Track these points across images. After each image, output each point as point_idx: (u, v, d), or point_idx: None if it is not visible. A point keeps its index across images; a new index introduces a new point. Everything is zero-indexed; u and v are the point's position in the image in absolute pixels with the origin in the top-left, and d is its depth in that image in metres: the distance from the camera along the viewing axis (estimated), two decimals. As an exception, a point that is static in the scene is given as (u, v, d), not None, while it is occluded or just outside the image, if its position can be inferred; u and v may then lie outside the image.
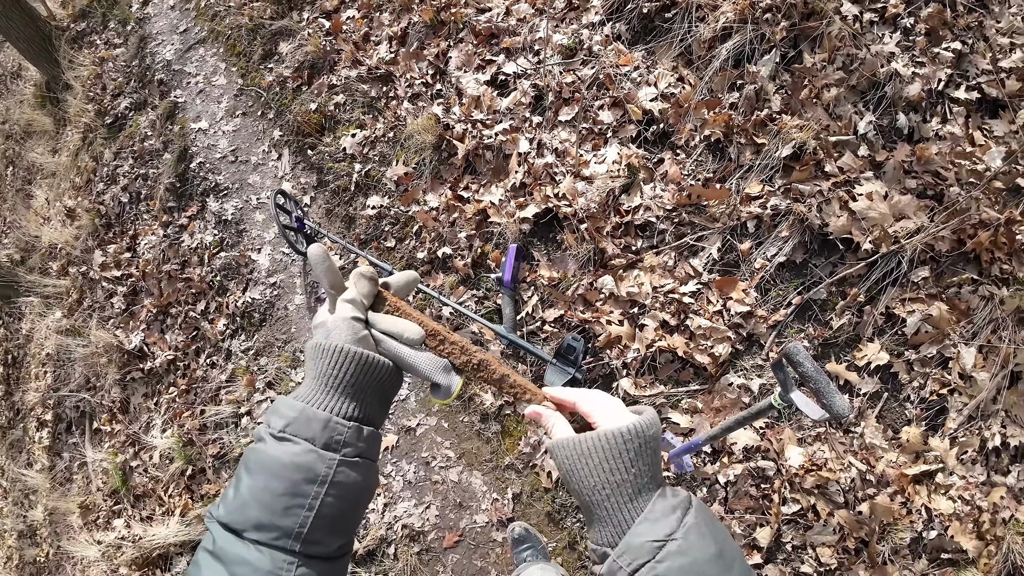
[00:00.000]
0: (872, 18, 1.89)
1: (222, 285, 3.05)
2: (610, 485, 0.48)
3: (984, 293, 1.67)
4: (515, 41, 2.22)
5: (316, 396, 0.51)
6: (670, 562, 0.45)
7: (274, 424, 0.50)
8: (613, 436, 0.49)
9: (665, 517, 0.47)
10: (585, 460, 0.49)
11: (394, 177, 2.40)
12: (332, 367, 0.51)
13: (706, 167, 1.90)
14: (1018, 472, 1.63)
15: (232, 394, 2.73)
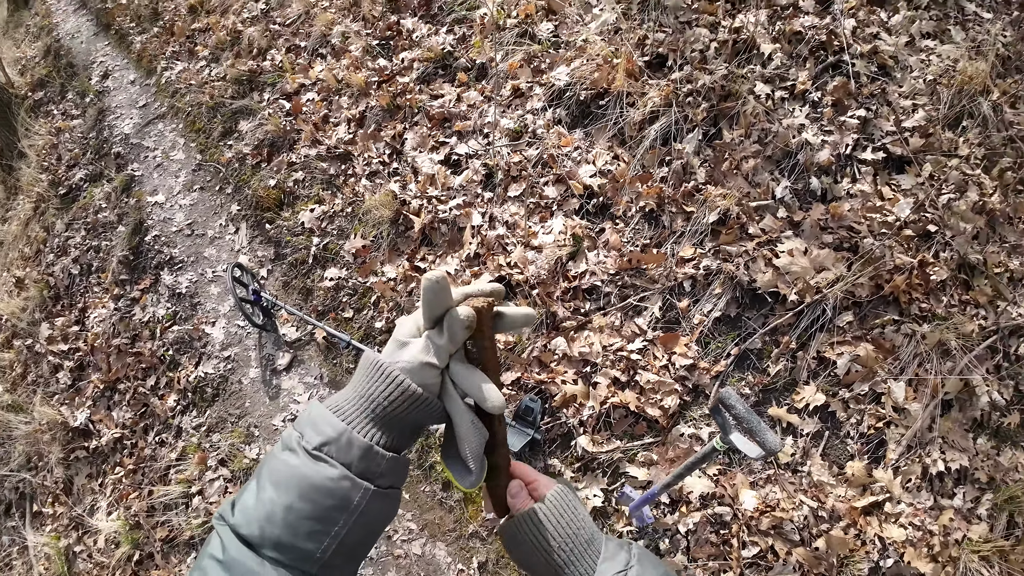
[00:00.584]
0: (783, 95, 2.19)
1: (174, 360, 2.95)
2: (570, 539, 0.53)
3: (906, 331, 1.85)
4: (466, 125, 2.41)
5: (359, 419, 0.48)
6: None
7: (310, 439, 0.47)
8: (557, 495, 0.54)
9: (618, 553, 0.52)
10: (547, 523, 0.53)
11: (352, 250, 2.46)
12: (386, 399, 0.47)
13: (643, 234, 2.07)
14: (964, 493, 1.74)
15: (182, 473, 2.57)
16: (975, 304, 1.93)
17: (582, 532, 0.53)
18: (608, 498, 1.88)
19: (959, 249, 1.96)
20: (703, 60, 2.22)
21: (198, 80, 3.84)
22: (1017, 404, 1.85)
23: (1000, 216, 2.04)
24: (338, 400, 0.49)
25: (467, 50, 2.62)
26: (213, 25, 4.05)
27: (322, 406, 0.49)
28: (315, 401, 0.54)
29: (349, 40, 2.96)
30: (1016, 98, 2.25)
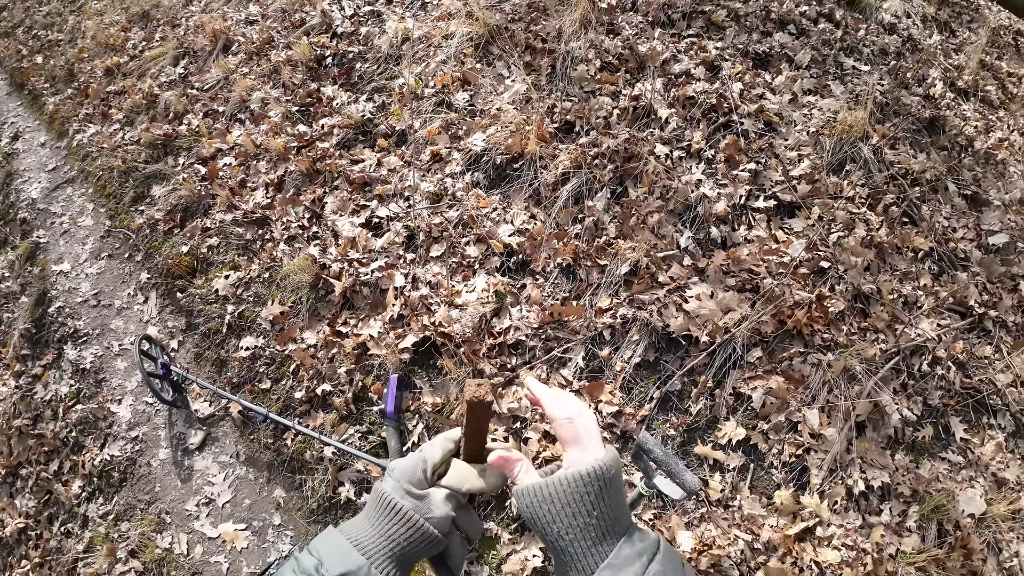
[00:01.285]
0: (680, 154, 2.35)
1: (78, 442, 2.67)
2: (574, 529, 0.47)
3: (812, 360, 1.95)
4: (387, 188, 2.42)
5: (379, 557, 0.51)
6: None
7: (331, 569, 0.49)
8: (574, 480, 0.48)
9: (630, 564, 0.46)
10: (548, 506, 0.49)
11: (269, 317, 2.35)
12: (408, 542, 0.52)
13: (562, 288, 2.11)
14: (890, 508, 1.79)
15: (91, 566, 2.29)
16: (874, 329, 2.08)
17: (590, 529, 0.47)
18: (547, 558, 1.81)
19: (853, 281, 2.12)
20: (607, 125, 2.37)
21: (111, 143, 3.69)
22: (928, 417, 1.97)
23: (888, 247, 2.24)
24: (357, 534, 0.52)
25: (387, 117, 2.67)
26: (129, 88, 3.95)
27: (342, 537, 0.52)
28: (332, 530, 0.55)
29: (268, 106, 2.95)
30: (895, 139, 2.53)
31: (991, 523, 1.80)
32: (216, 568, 2.17)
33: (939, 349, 2.05)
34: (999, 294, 2.24)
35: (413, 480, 0.56)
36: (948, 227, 2.37)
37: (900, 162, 2.45)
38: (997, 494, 1.86)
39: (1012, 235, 2.40)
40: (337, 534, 0.53)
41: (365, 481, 2.09)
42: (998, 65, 3.35)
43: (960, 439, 1.95)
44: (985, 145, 2.77)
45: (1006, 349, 2.14)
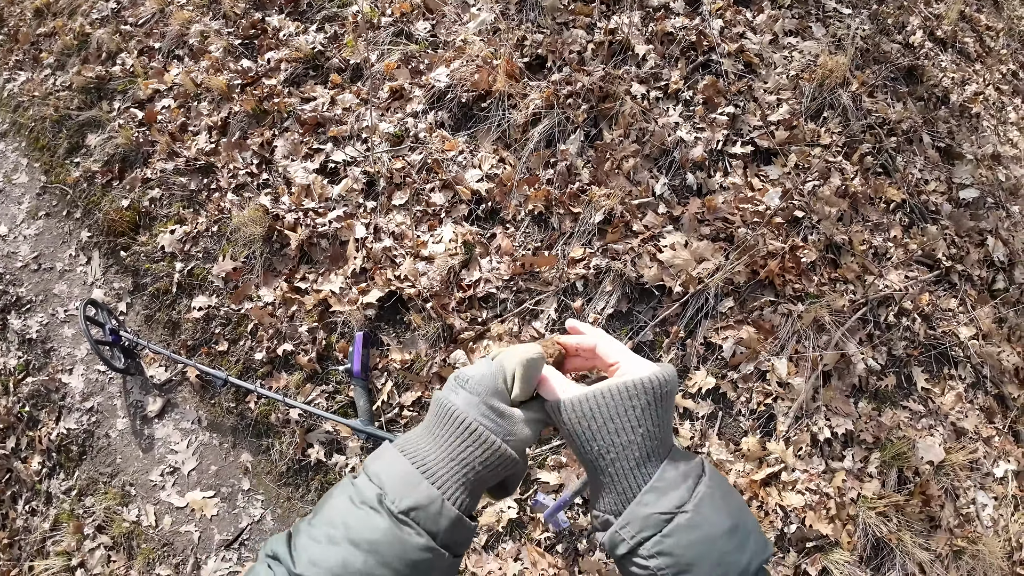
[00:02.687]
0: (657, 95, 2.23)
1: (32, 416, 2.54)
2: (615, 447, 0.43)
3: (783, 311, 1.94)
4: (342, 130, 2.23)
5: (452, 485, 0.44)
6: (678, 537, 0.41)
7: (397, 500, 0.42)
8: (618, 391, 0.43)
9: (675, 487, 0.42)
10: (588, 421, 0.44)
11: (221, 273, 2.19)
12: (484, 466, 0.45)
13: (534, 237, 2.02)
14: (852, 455, 1.85)
15: (60, 544, 2.23)
16: (844, 280, 2.08)
17: (633, 447, 0.43)
18: (522, 508, 1.81)
19: (826, 231, 2.09)
20: (581, 61, 2.21)
21: (42, 91, 3.32)
22: (892, 367, 2.00)
23: (862, 198, 2.21)
24: (424, 457, 0.45)
25: (340, 50, 2.43)
26: (59, 28, 3.53)
27: (407, 462, 0.44)
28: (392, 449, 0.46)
29: (208, 40, 2.66)
30: (874, 87, 2.46)
31: (949, 471, 1.87)
32: (187, 537, 2.12)
33: (906, 301, 2.07)
34: (966, 248, 2.26)
35: (493, 393, 0.47)
36: (921, 179, 2.36)
37: (878, 111, 2.40)
38: (956, 443, 1.93)
39: (982, 190, 2.41)
40: (399, 456, 0.45)
41: (335, 442, 2.03)
42: (977, 17, 3.29)
43: (921, 389, 2.00)
44: (961, 98, 2.74)
45: (970, 303, 2.18)
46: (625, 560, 0.43)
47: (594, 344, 0.51)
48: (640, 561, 0.42)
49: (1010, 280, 2.31)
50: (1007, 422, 2.08)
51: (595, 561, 1.70)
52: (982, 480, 1.97)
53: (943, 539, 1.81)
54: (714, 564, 0.41)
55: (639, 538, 0.42)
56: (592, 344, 0.51)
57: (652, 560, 0.41)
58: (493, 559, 1.77)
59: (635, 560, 0.42)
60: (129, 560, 2.18)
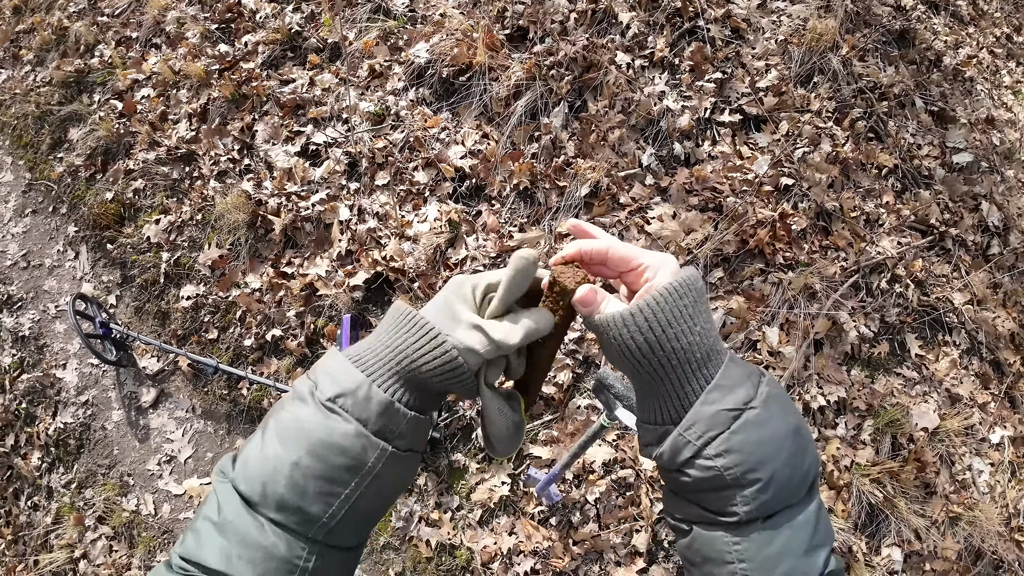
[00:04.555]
0: (643, 63, 2.18)
1: (29, 412, 2.56)
2: (678, 353, 0.40)
3: (773, 280, 1.92)
4: (322, 111, 2.20)
5: (382, 372, 0.42)
6: (747, 433, 0.39)
7: (324, 389, 0.41)
8: (668, 295, 0.41)
9: (740, 384, 0.41)
10: (646, 333, 0.40)
11: (207, 262, 2.18)
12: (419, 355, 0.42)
13: (520, 213, 1.99)
14: (845, 423, 1.84)
15: (62, 537, 2.26)
16: (835, 247, 2.05)
17: (694, 348, 0.41)
18: (515, 482, 1.81)
19: (816, 198, 2.06)
20: (563, 31, 2.17)
21: (23, 88, 3.29)
22: (885, 334, 1.98)
23: (853, 164, 2.18)
24: (359, 349, 0.43)
25: (317, 29, 2.39)
26: (37, 24, 3.49)
27: (341, 355, 0.43)
28: (334, 350, 0.45)
29: (185, 26, 2.62)
30: (864, 51, 2.41)
31: (944, 437, 1.86)
32: (186, 524, 2.13)
33: (898, 267, 2.04)
34: (960, 213, 2.23)
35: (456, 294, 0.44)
36: (913, 144, 2.32)
37: (869, 75, 2.35)
38: (950, 409, 1.91)
39: (976, 154, 2.37)
40: (338, 354, 0.43)
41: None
42: (971, -23, 3.21)
43: (915, 355, 1.98)
44: (954, 61, 2.69)
45: (964, 268, 2.15)
46: (688, 465, 0.41)
47: (607, 248, 0.46)
48: (705, 463, 0.40)
49: (1005, 244, 2.28)
50: (1003, 388, 2.06)
51: (588, 532, 1.71)
52: (978, 446, 1.96)
53: (939, 505, 1.80)
54: (780, 464, 0.40)
55: (706, 437, 0.40)
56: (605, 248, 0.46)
57: (720, 459, 0.39)
58: (488, 534, 1.77)
59: (698, 463, 0.40)
60: (131, 549, 2.20)
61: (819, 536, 0.41)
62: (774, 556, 0.40)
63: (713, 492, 0.41)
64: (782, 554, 0.40)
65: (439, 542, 1.81)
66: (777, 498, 0.40)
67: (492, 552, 1.73)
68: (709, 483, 0.40)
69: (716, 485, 0.40)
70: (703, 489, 0.41)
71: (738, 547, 0.40)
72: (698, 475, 0.41)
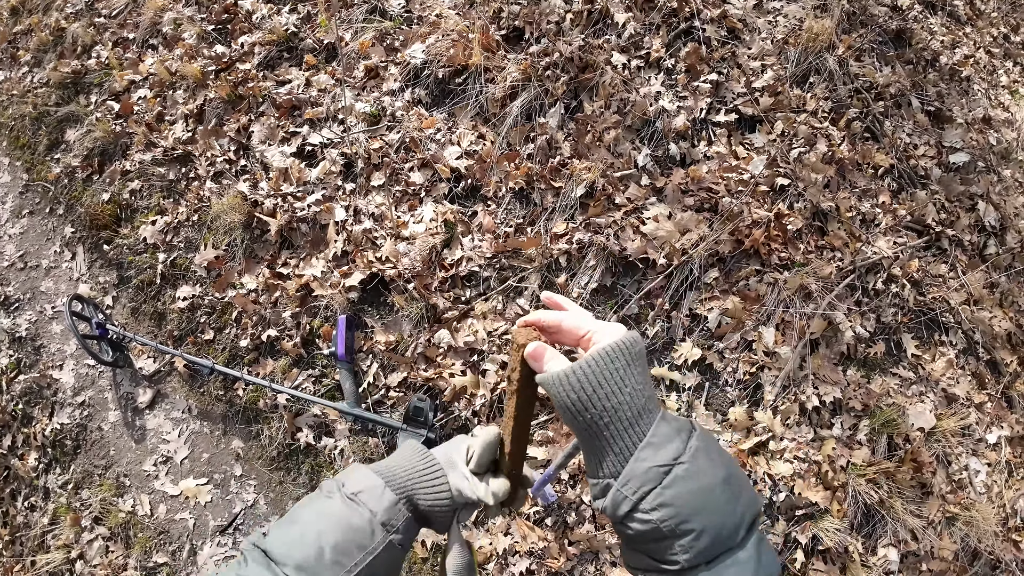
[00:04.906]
0: (638, 64, 2.18)
1: (26, 413, 2.56)
2: (608, 411, 0.45)
3: (769, 280, 1.92)
4: (318, 112, 2.20)
5: (397, 482, 0.55)
6: (677, 488, 0.43)
7: (349, 486, 0.53)
8: (600, 358, 0.45)
9: (670, 441, 0.44)
10: (578, 392, 0.45)
11: (203, 263, 2.18)
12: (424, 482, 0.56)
13: (515, 214, 1.99)
14: (841, 422, 1.84)
15: (59, 538, 2.26)
16: (831, 247, 2.05)
17: (624, 407, 0.45)
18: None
19: (812, 198, 2.06)
20: (559, 31, 2.17)
21: (20, 89, 3.29)
22: (881, 334, 1.98)
23: (849, 164, 2.18)
24: (382, 466, 0.57)
25: (313, 29, 2.39)
26: (35, 25, 3.49)
27: (367, 468, 0.56)
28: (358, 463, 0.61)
29: (182, 27, 2.62)
30: (861, 51, 2.41)
31: (940, 437, 1.86)
32: (182, 524, 2.14)
33: (895, 267, 2.04)
34: (956, 213, 2.23)
35: (455, 450, 0.61)
36: (909, 144, 2.32)
37: (865, 75, 2.35)
38: (947, 409, 1.91)
39: (972, 154, 2.37)
40: (362, 466, 0.57)
41: (323, 425, 2.04)
42: (968, -22, 3.22)
43: (911, 355, 1.98)
44: (951, 61, 2.69)
45: (960, 268, 2.15)
46: (628, 519, 0.44)
47: (559, 320, 0.52)
48: (642, 516, 0.43)
49: (1001, 244, 2.28)
50: (999, 388, 2.06)
51: (584, 532, 1.71)
52: (974, 446, 1.96)
53: (935, 506, 1.80)
54: (712, 513, 0.43)
55: (640, 493, 0.44)
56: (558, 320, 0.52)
57: (654, 513, 0.43)
58: (484, 534, 1.77)
59: (637, 516, 0.44)
60: (127, 550, 2.20)
61: (763, 569, 0.44)
62: None
63: (654, 543, 0.44)
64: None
65: (435, 543, 1.81)
66: (714, 545, 0.43)
67: (488, 553, 1.73)
68: (650, 535, 0.44)
69: (655, 536, 0.44)
70: (646, 540, 0.45)
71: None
72: (638, 528, 0.44)
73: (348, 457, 1.96)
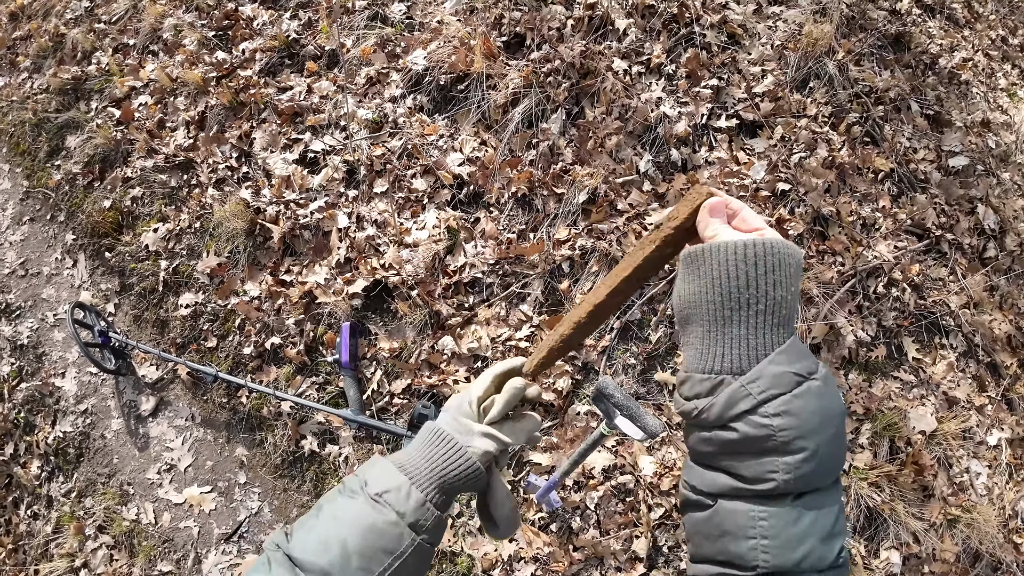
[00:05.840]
0: (639, 70, 2.19)
1: (28, 421, 2.56)
2: (767, 299, 0.41)
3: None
4: (320, 118, 2.20)
5: (421, 477, 0.53)
6: (806, 400, 0.41)
7: (373, 486, 0.52)
8: (783, 245, 0.42)
9: (805, 357, 0.42)
10: (749, 267, 0.41)
11: (206, 270, 2.18)
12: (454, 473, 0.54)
13: (518, 220, 2.00)
14: None
15: (63, 547, 2.26)
16: (832, 252, 2.06)
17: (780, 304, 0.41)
18: (516, 489, 1.82)
19: (813, 203, 2.07)
20: (560, 38, 2.17)
21: (20, 95, 3.29)
22: (882, 338, 1.99)
23: (849, 168, 2.18)
24: (403, 459, 0.55)
25: (314, 36, 2.39)
26: (34, 31, 3.48)
27: (388, 462, 0.55)
28: (379, 457, 0.57)
29: (182, 33, 2.62)
30: (860, 56, 2.42)
31: (942, 440, 1.87)
32: (187, 533, 2.13)
33: (895, 271, 2.05)
34: (956, 216, 2.24)
35: (460, 412, 0.58)
36: (909, 148, 2.33)
37: (865, 79, 2.36)
38: (948, 412, 1.92)
39: (972, 157, 2.38)
40: (383, 459, 0.55)
41: (328, 432, 2.04)
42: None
43: (912, 359, 1.99)
44: (949, 64, 2.70)
45: (960, 271, 2.16)
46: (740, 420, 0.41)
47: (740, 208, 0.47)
48: (761, 419, 0.41)
49: (1001, 248, 2.29)
50: (1000, 390, 2.07)
51: (589, 538, 1.71)
52: (975, 449, 1.97)
53: (937, 508, 1.81)
54: (827, 441, 0.41)
55: (768, 394, 0.41)
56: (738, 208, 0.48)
57: (777, 419, 0.40)
58: (488, 541, 1.78)
59: (753, 419, 0.41)
60: (131, 558, 2.19)
61: (839, 526, 0.42)
62: (798, 536, 0.41)
63: (754, 456, 0.41)
64: (805, 535, 0.41)
65: (440, 549, 1.82)
66: (816, 474, 0.41)
67: (493, 559, 1.73)
68: (756, 443, 0.41)
69: (762, 447, 0.41)
70: (744, 451, 0.42)
71: (764, 522, 0.41)
72: (748, 431, 0.41)
73: (352, 465, 1.96)
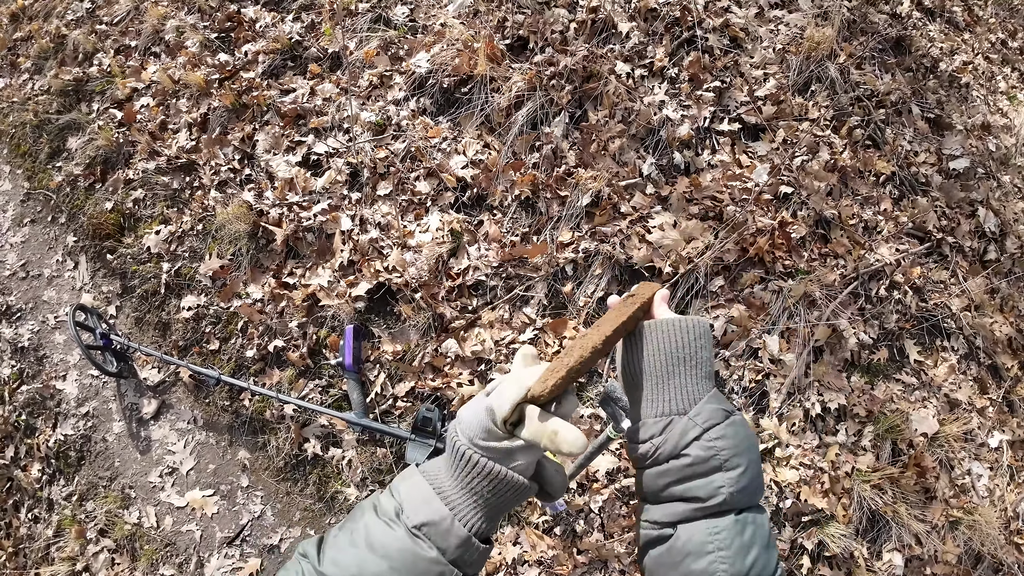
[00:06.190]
0: (642, 73, 2.19)
1: (29, 424, 2.55)
2: (695, 359, 0.56)
3: (773, 288, 1.93)
4: (323, 121, 2.20)
5: (462, 508, 0.50)
6: (735, 429, 0.54)
7: (411, 516, 0.49)
8: (705, 322, 0.58)
9: (725, 401, 0.56)
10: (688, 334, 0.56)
11: (209, 272, 2.18)
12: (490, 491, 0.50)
13: (521, 223, 2.00)
14: (845, 429, 1.85)
15: (64, 550, 2.25)
16: (834, 255, 2.07)
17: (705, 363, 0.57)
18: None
19: (815, 206, 2.07)
20: (564, 41, 2.18)
21: (21, 96, 3.28)
22: (884, 340, 2.00)
23: (851, 171, 2.19)
24: (441, 482, 0.51)
25: (317, 38, 2.39)
26: (35, 32, 3.48)
27: (426, 483, 0.51)
28: (415, 471, 0.53)
29: (184, 35, 2.62)
30: (862, 59, 2.43)
31: (943, 442, 1.87)
32: (189, 536, 2.13)
33: (897, 274, 2.06)
34: (957, 219, 2.25)
35: (483, 435, 0.52)
36: (910, 151, 2.34)
37: (866, 83, 2.37)
38: (949, 414, 1.93)
39: (972, 160, 2.39)
40: (421, 478, 0.52)
41: (331, 436, 2.03)
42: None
43: (914, 361, 1.99)
44: (950, 68, 2.71)
45: (962, 274, 2.17)
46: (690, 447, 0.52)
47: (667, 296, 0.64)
48: (706, 443, 0.52)
49: (1002, 250, 2.30)
50: (1001, 392, 2.08)
51: (593, 541, 1.71)
52: (977, 451, 1.98)
53: (939, 510, 1.82)
54: (754, 460, 0.54)
55: (709, 423, 0.53)
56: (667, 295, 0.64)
57: (718, 442, 0.52)
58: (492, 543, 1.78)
59: (700, 443, 0.52)
60: (133, 562, 2.19)
61: (773, 539, 0.53)
62: (746, 544, 0.50)
63: (703, 476, 0.52)
64: (751, 543, 0.50)
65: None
66: (750, 489, 0.52)
67: (497, 562, 1.73)
68: (704, 463, 0.52)
69: (710, 466, 0.51)
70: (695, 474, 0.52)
71: (719, 535, 0.50)
72: (699, 453, 0.52)
73: (356, 468, 1.96)
